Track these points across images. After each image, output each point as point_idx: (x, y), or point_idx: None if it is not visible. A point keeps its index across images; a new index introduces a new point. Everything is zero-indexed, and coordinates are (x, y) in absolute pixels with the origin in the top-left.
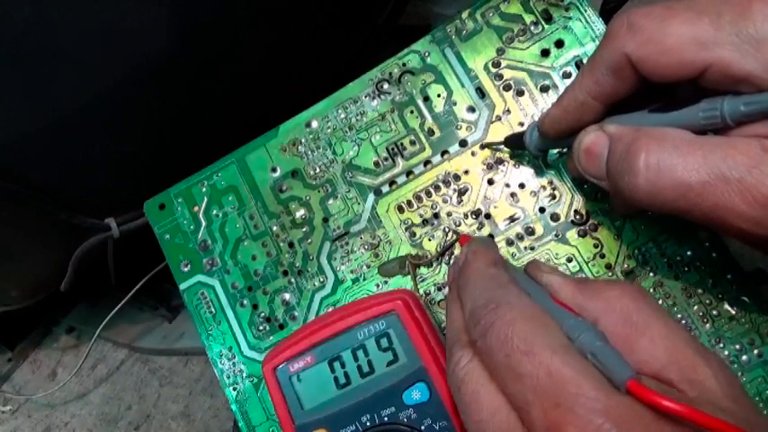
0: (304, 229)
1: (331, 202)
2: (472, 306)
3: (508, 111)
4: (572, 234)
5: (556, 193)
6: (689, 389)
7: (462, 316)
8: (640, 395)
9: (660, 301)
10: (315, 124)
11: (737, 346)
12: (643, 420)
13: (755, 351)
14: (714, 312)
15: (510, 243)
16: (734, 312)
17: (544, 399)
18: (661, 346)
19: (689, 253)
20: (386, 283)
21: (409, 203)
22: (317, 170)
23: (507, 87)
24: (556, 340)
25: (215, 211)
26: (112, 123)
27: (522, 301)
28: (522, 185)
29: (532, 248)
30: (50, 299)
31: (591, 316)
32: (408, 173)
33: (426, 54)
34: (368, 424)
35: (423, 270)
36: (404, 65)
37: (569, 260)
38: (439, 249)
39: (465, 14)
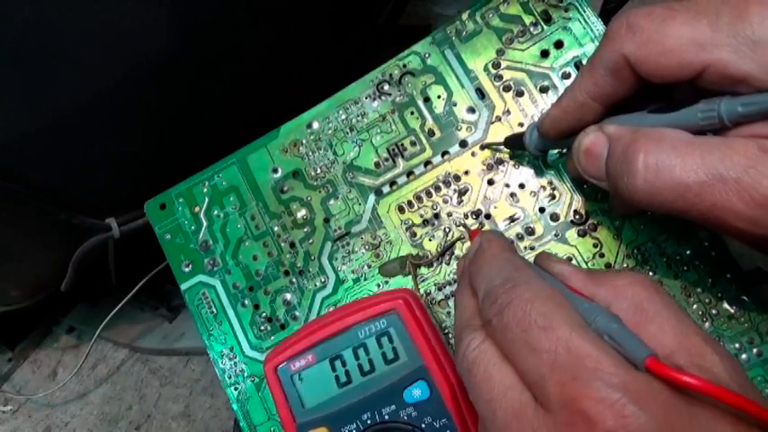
0: (305, 230)
1: (332, 202)
2: (488, 287)
3: (508, 111)
4: (571, 234)
5: (555, 193)
6: (698, 373)
7: (473, 302)
8: (660, 372)
9: None
10: (316, 125)
11: (737, 345)
12: (660, 396)
13: (755, 350)
14: (713, 311)
15: (510, 243)
16: (733, 311)
17: (561, 373)
18: (670, 333)
19: (688, 252)
20: (387, 283)
21: (410, 204)
22: (318, 171)
23: (507, 88)
24: (574, 319)
25: (216, 212)
26: (113, 123)
27: (539, 282)
28: (521, 186)
29: (532, 248)
30: (50, 299)
31: (602, 303)
32: (409, 173)
33: (426, 55)
34: (369, 422)
35: (423, 270)
36: (404, 66)
37: (569, 260)
38: (439, 249)
39: (465, 16)
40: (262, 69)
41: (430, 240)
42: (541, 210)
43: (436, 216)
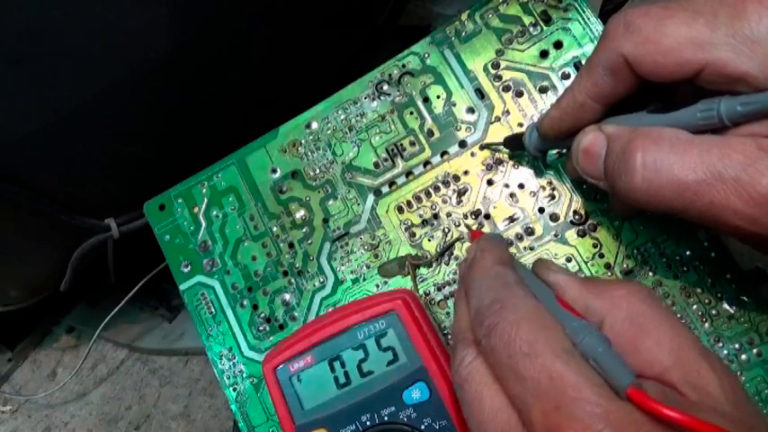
0: (304, 230)
1: (331, 202)
2: (478, 305)
3: (507, 112)
4: (571, 234)
5: (555, 193)
6: (691, 392)
7: (467, 313)
8: (640, 402)
9: None
10: (315, 125)
11: (736, 346)
12: (642, 427)
13: (754, 350)
14: (713, 312)
15: (509, 243)
16: (733, 312)
17: (544, 401)
18: (666, 348)
19: (688, 253)
20: (386, 283)
21: (409, 204)
22: (317, 171)
23: (506, 88)
24: (558, 343)
25: (215, 212)
26: (113, 124)
27: (526, 303)
28: (521, 186)
29: (532, 249)
30: (50, 299)
31: (597, 315)
32: (408, 173)
33: (426, 55)
34: (368, 423)
35: (422, 270)
36: (403, 66)
37: (568, 260)
38: (438, 250)
39: (464, 16)
40: (261, 69)
41: (429, 241)
42: (541, 210)
43: (435, 216)
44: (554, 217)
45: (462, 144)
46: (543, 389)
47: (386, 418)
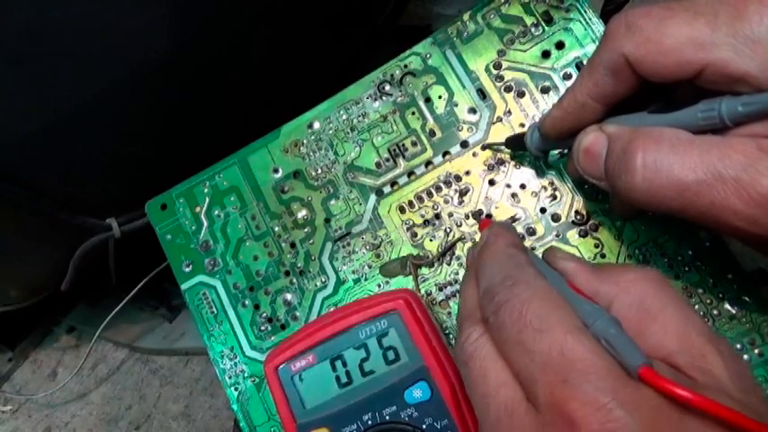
0: (306, 230)
1: (333, 202)
2: (488, 283)
3: (509, 112)
4: (573, 234)
5: (557, 193)
6: (698, 376)
7: (476, 294)
8: (652, 382)
9: None
10: (317, 125)
11: (738, 346)
12: (649, 402)
13: (756, 351)
14: (715, 312)
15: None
16: (734, 312)
17: (552, 375)
18: (672, 332)
19: (689, 253)
20: (387, 283)
21: (410, 204)
22: (319, 171)
23: (508, 89)
24: (571, 321)
25: (217, 212)
26: (114, 123)
27: (538, 282)
28: (523, 186)
29: (533, 249)
30: (51, 299)
31: (605, 300)
32: (410, 174)
33: (428, 56)
34: (369, 423)
35: (424, 270)
36: (405, 66)
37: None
38: (440, 250)
39: (466, 16)
40: (262, 69)
41: (431, 241)
42: (543, 210)
43: (437, 216)
44: (556, 217)
45: (464, 144)
46: (552, 362)
47: (387, 418)
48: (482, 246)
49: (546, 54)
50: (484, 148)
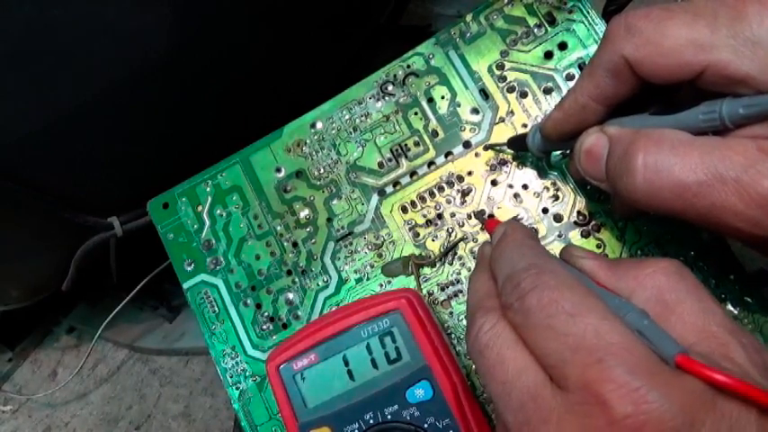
0: (308, 229)
1: (335, 202)
2: (510, 271)
3: (512, 112)
4: (575, 235)
5: (559, 194)
6: (721, 365)
7: (488, 284)
8: (691, 368)
9: None
10: (319, 125)
11: None
12: (685, 387)
13: None
14: None
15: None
16: (737, 313)
17: (585, 355)
18: (690, 325)
19: (691, 253)
20: (389, 282)
21: (413, 204)
22: (322, 171)
23: (511, 89)
24: (605, 308)
25: (219, 211)
26: (115, 123)
27: (564, 271)
28: (525, 186)
29: None
30: (51, 299)
31: (623, 296)
32: (412, 174)
33: (430, 56)
34: (371, 422)
35: (426, 270)
36: (408, 67)
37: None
38: (442, 250)
39: (469, 17)
40: (264, 69)
41: (433, 241)
42: (545, 210)
43: (439, 216)
44: (558, 217)
45: (467, 144)
46: (586, 343)
47: (389, 417)
48: (500, 236)
49: (549, 55)
50: (486, 148)
